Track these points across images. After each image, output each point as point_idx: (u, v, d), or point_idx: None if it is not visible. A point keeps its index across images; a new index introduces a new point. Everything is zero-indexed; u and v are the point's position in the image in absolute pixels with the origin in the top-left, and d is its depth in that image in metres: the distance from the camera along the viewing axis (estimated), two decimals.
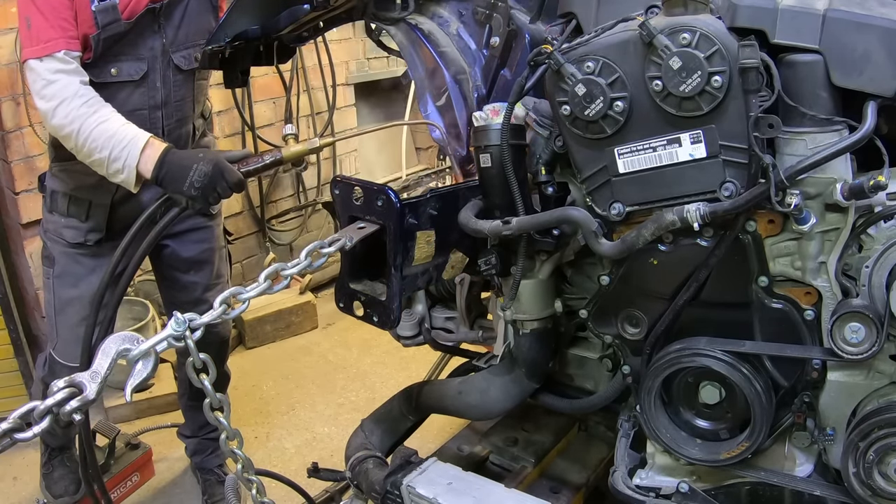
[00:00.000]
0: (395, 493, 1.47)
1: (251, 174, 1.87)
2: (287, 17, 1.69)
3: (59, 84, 1.74)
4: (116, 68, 1.88)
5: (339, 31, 4.15)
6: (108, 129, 1.75)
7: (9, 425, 0.95)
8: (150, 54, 1.92)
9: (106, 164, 1.77)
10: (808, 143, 1.12)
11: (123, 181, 1.79)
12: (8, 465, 2.79)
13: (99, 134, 1.74)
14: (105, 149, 1.74)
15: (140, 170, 1.76)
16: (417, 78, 1.62)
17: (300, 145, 1.88)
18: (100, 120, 1.75)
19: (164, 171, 1.75)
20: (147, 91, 1.96)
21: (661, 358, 1.32)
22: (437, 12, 1.66)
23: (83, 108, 1.74)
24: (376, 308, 1.48)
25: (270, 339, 3.78)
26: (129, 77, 1.91)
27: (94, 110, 1.75)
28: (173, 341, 1.08)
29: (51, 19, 1.73)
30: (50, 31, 1.73)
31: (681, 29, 1.10)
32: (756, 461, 1.33)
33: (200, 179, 1.73)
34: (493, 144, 1.34)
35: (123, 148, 1.74)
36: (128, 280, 1.79)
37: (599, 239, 1.25)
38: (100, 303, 1.78)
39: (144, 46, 1.91)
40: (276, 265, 1.21)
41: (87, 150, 1.76)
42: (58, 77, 1.74)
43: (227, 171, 1.77)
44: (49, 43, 1.73)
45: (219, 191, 1.75)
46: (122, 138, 1.75)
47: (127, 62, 1.90)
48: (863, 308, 1.12)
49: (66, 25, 1.75)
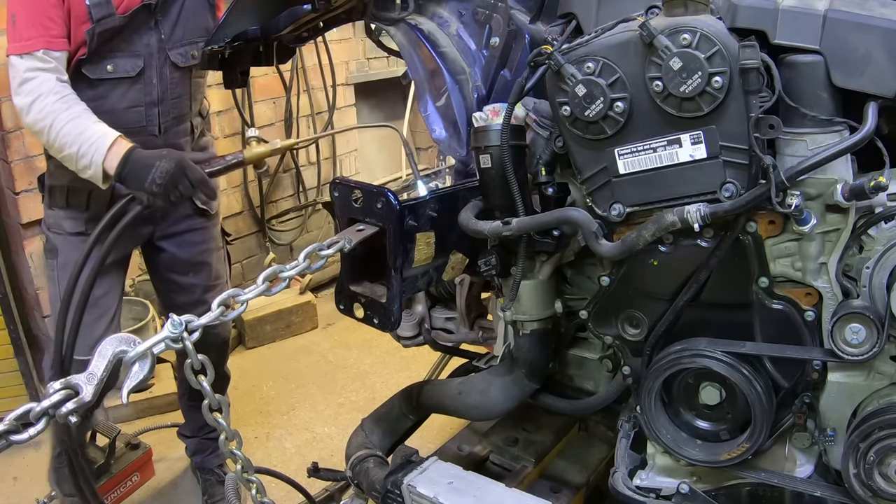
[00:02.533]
0: (395, 492, 1.47)
1: (214, 174, 1.92)
2: (287, 18, 1.69)
3: (35, 81, 1.75)
4: (112, 64, 1.89)
5: (339, 31, 4.15)
6: (78, 125, 1.77)
7: (4, 427, 0.95)
8: (146, 51, 1.93)
9: (75, 160, 1.79)
10: (808, 143, 1.12)
11: (91, 177, 1.82)
12: (8, 465, 2.79)
13: (70, 130, 1.76)
14: (74, 144, 1.77)
15: (105, 166, 1.78)
16: (417, 78, 1.61)
17: (262, 147, 1.96)
18: (71, 116, 1.77)
19: (128, 169, 1.77)
20: (143, 87, 1.96)
21: (661, 359, 1.32)
22: (437, 12, 1.66)
23: (57, 104, 1.76)
24: (376, 310, 1.48)
25: (270, 339, 3.79)
26: (125, 73, 1.92)
27: (67, 106, 1.77)
28: (171, 343, 1.08)
29: (34, 17, 1.74)
30: (31, 29, 1.75)
31: (681, 29, 1.10)
32: (756, 462, 1.33)
33: (163, 176, 1.75)
34: (492, 145, 1.34)
35: (91, 144, 1.76)
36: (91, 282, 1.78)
37: (600, 240, 1.25)
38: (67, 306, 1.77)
39: (140, 42, 1.91)
40: (274, 267, 1.21)
41: (58, 145, 1.78)
42: (35, 74, 1.75)
43: (190, 168, 1.79)
44: (29, 41, 1.75)
45: (181, 188, 1.77)
46: (91, 135, 1.77)
47: (123, 58, 1.91)
48: (863, 309, 1.12)
49: (49, 24, 1.76)
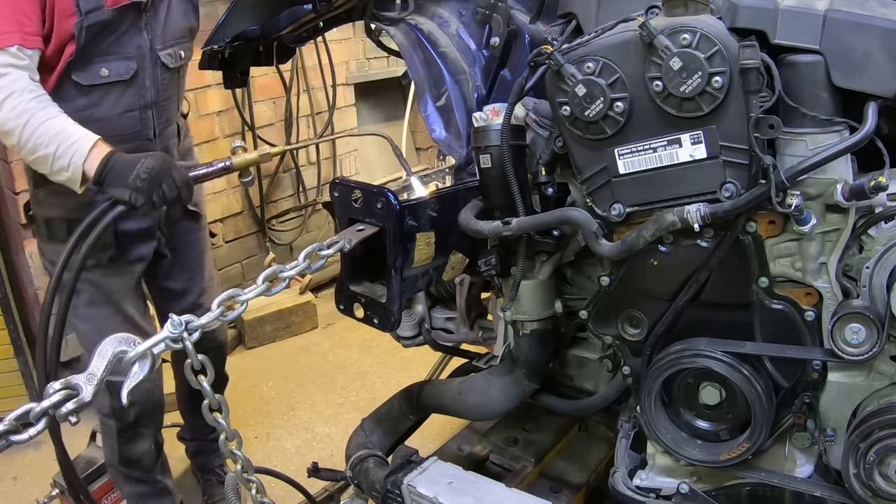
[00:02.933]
0: (395, 492, 1.47)
1: (200, 179, 1.89)
2: (287, 18, 1.69)
3: (9, 77, 1.69)
4: (106, 68, 1.85)
5: (339, 31, 4.15)
6: (56, 125, 1.71)
7: (4, 427, 0.95)
8: (137, 53, 1.90)
9: (50, 162, 1.72)
10: (808, 143, 1.12)
11: (67, 180, 1.75)
12: (8, 465, 2.79)
13: (46, 130, 1.70)
14: (51, 145, 1.70)
15: (86, 168, 1.72)
16: (417, 78, 1.61)
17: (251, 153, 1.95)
18: (48, 116, 1.71)
19: (109, 169, 1.72)
20: (137, 91, 1.93)
21: (661, 359, 1.32)
22: (437, 12, 1.66)
23: (32, 102, 1.69)
24: (376, 310, 1.48)
25: (270, 339, 3.79)
26: (119, 77, 1.88)
27: (42, 106, 1.71)
28: (171, 343, 1.08)
29: (9, 12, 1.69)
30: (6, 23, 1.68)
31: (681, 29, 1.10)
32: (756, 462, 1.33)
33: (147, 171, 1.71)
34: (492, 145, 1.34)
35: (71, 145, 1.71)
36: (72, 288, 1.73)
37: (600, 240, 1.25)
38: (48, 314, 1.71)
39: (131, 44, 1.88)
40: (274, 267, 1.21)
41: (31, 145, 1.70)
42: (8, 70, 1.69)
43: (176, 168, 1.75)
44: (4, 35, 1.68)
45: (164, 187, 1.73)
46: (70, 135, 1.71)
47: (115, 61, 1.87)
48: (863, 309, 1.12)
49: (25, 21, 1.71)
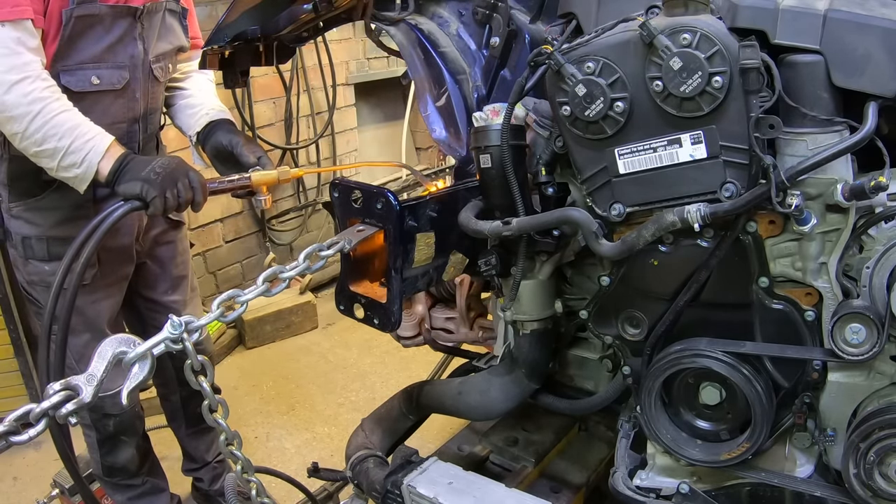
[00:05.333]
0: (395, 492, 1.47)
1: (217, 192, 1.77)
2: (287, 18, 1.69)
3: (23, 58, 1.58)
4: (97, 77, 1.77)
5: (339, 31, 4.15)
6: (72, 118, 1.63)
7: (4, 428, 0.95)
8: (130, 62, 1.82)
9: (60, 156, 1.62)
10: (808, 143, 1.12)
11: (76, 176, 1.66)
12: (8, 465, 2.80)
13: (60, 122, 1.60)
14: (65, 138, 1.61)
15: (100, 166, 1.64)
16: (417, 78, 1.61)
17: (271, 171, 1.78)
18: (63, 108, 1.62)
19: (124, 167, 1.65)
20: (127, 102, 1.85)
21: (661, 359, 1.32)
22: (437, 12, 1.66)
23: (46, 91, 1.60)
24: (376, 310, 1.48)
25: (270, 339, 3.79)
26: (111, 86, 1.80)
27: (56, 97, 1.62)
28: (170, 344, 1.08)
29: None
30: None
31: (681, 29, 1.10)
32: (756, 462, 1.33)
33: (163, 167, 1.64)
34: (493, 145, 1.34)
35: (87, 141, 1.63)
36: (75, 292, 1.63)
37: (600, 240, 1.25)
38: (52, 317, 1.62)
39: (125, 53, 1.81)
40: (274, 268, 1.21)
41: (40, 136, 1.59)
42: (21, 50, 1.58)
43: (193, 170, 1.68)
44: (17, 7, 1.56)
45: (180, 186, 1.64)
46: (87, 132, 1.64)
47: (108, 70, 1.79)
48: (863, 309, 1.12)
49: None
